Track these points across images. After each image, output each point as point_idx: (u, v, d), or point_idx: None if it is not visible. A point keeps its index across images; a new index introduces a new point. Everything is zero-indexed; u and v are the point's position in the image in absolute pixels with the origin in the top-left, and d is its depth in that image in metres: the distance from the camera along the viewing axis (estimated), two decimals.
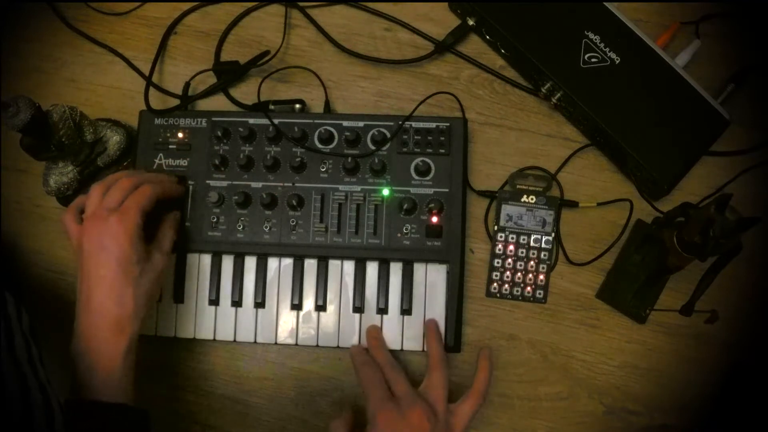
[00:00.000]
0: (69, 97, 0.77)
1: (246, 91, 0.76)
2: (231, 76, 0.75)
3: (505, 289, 0.70)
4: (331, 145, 0.70)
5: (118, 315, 0.57)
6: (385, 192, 0.68)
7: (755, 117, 0.72)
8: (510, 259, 0.70)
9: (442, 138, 0.69)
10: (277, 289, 0.69)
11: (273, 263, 0.69)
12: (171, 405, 0.69)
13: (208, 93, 0.75)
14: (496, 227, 0.70)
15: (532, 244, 0.69)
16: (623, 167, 0.71)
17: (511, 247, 0.70)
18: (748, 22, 0.75)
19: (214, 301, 0.68)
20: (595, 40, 0.69)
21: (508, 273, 0.70)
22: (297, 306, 0.68)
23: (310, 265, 0.69)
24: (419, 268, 0.68)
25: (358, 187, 0.68)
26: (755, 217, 0.53)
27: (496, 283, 0.70)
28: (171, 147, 0.70)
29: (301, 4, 0.77)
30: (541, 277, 0.69)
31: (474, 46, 0.76)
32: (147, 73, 0.74)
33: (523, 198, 0.70)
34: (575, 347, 0.69)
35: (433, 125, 0.69)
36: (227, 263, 0.69)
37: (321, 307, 0.68)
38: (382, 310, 0.68)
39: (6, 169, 0.75)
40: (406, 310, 0.67)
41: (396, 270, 0.68)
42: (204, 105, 0.76)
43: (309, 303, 0.68)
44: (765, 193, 0.71)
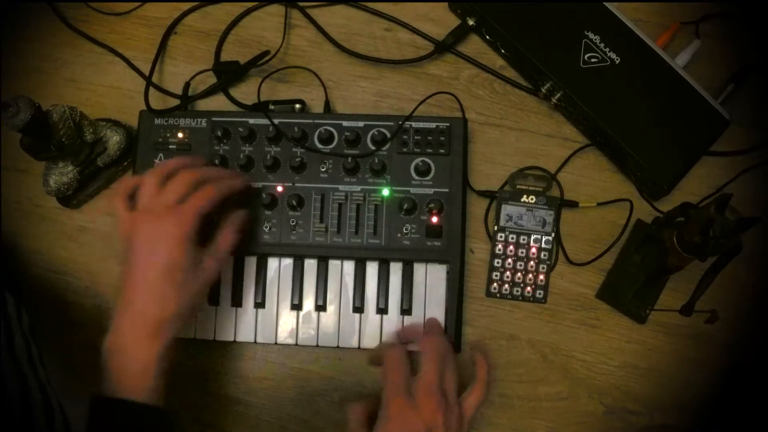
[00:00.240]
0: (69, 97, 0.77)
1: (246, 91, 0.76)
2: (231, 76, 0.75)
3: (505, 289, 0.70)
4: (331, 145, 0.70)
5: (158, 318, 0.56)
6: (385, 192, 0.68)
7: (755, 117, 0.72)
8: (510, 259, 0.70)
9: (442, 138, 0.69)
10: (277, 289, 0.69)
11: (273, 263, 0.69)
12: (171, 405, 0.69)
13: (208, 93, 0.75)
14: (496, 227, 0.70)
15: (532, 244, 0.70)
16: (623, 167, 0.71)
17: (511, 247, 0.70)
18: (748, 22, 0.75)
19: (215, 301, 0.68)
20: (595, 40, 0.69)
21: (508, 273, 0.70)
22: (297, 306, 0.68)
23: (310, 265, 0.69)
24: (419, 268, 0.68)
25: (358, 187, 0.68)
26: (755, 217, 0.53)
27: (496, 283, 0.70)
28: (171, 147, 0.70)
29: (301, 4, 0.77)
30: (541, 277, 0.69)
31: (474, 46, 0.76)
32: (147, 73, 0.74)
33: (523, 198, 0.70)
34: (575, 347, 0.69)
35: (433, 125, 0.69)
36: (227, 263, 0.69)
37: (321, 307, 0.68)
38: (382, 310, 0.68)
39: (6, 169, 0.75)
40: (406, 310, 0.67)
41: (396, 270, 0.68)
42: (204, 105, 0.76)
43: (309, 303, 0.68)
44: (765, 193, 0.71)
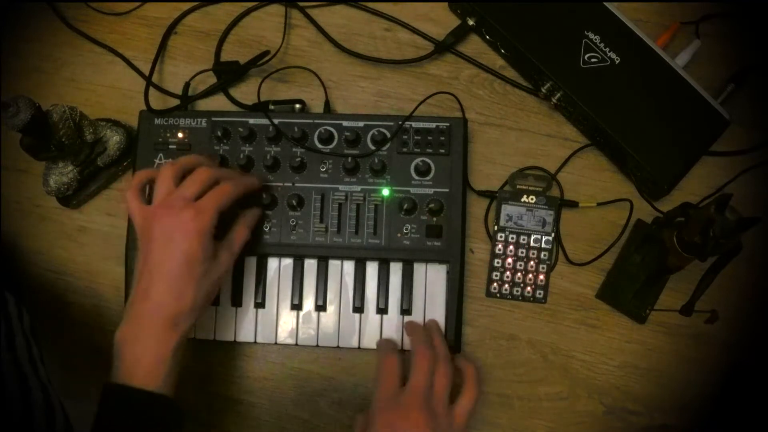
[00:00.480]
0: (69, 97, 0.77)
1: (246, 91, 0.76)
2: (231, 76, 0.75)
3: (505, 289, 0.70)
4: (331, 145, 0.70)
5: (175, 311, 0.56)
6: (385, 192, 0.68)
7: (755, 117, 0.72)
8: (510, 259, 0.70)
9: (442, 138, 0.69)
10: (277, 289, 0.69)
11: (273, 263, 0.69)
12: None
13: (208, 93, 0.75)
14: (496, 227, 0.70)
15: (532, 244, 0.70)
16: (623, 167, 0.71)
17: (511, 247, 0.70)
18: (748, 22, 0.74)
19: (215, 301, 0.68)
20: (595, 40, 0.69)
21: (508, 273, 0.70)
22: (297, 306, 0.68)
23: (310, 265, 0.69)
24: (419, 268, 0.68)
25: (358, 187, 0.68)
26: (755, 217, 0.53)
27: (496, 283, 0.70)
28: (171, 147, 0.70)
29: (301, 4, 0.77)
30: (541, 277, 0.69)
31: (474, 46, 0.76)
32: (147, 73, 0.74)
33: (523, 198, 0.70)
34: (575, 347, 0.69)
35: (433, 125, 0.69)
36: None
37: (321, 307, 0.68)
38: (382, 310, 0.68)
39: (6, 169, 0.75)
40: (406, 310, 0.67)
41: (396, 270, 0.68)
42: (204, 105, 0.76)
43: (309, 303, 0.68)
44: (765, 193, 0.71)
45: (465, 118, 0.72)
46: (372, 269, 0.68)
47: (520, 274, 0.70)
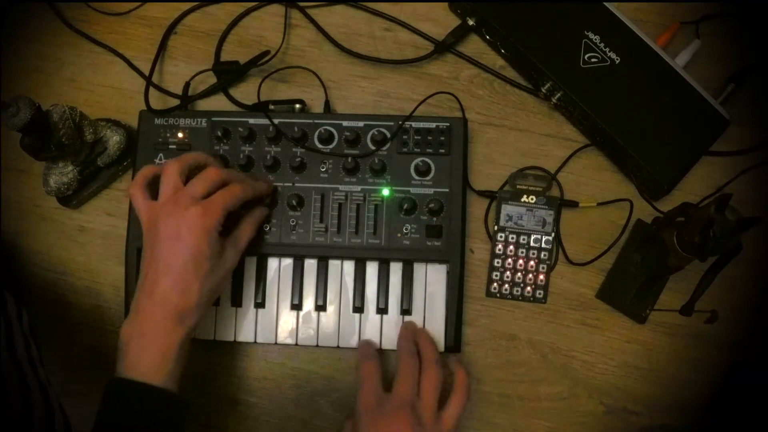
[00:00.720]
0: (69, 97, 0.77)
1: (246, 91, 0.76)
2: (231, 76, 0.75)
3: (505, 289, 0.70)
4: (331, 145, 0.70)
5: (180, 307, 0.57)
6: (385, 192, 0.68)
7: (755, 117, 0.72)
8: (510, 259, 0.70)
9: (442, 138, 0.69)
10: (277, 289, 0.69)
11: (273, 263, 0.69)
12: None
13: (208, 93, 0.75)
14: (496, 227, 0.70)
15: (532, 244, 0.70)
16: (623, 167, 0.71)
17: (511, 247, 0.70)
18: (748, 22, 0.74)
19: (215, 302, 0.68)
20: (595, 40, 0.69)
21: (508, 273, 0.70)
22: (297, 306, 0.68)
23: (310, 265, 0.69)
24: (419, 268, 0.68)
25: (358, 187, 0.68)
26: (755, 217, 0.53)
27: (496, 283, 0.70)
28: (171, 147, 0.70)
29: (301, 4, 0.77)
30: (541, 277, 0.69)
31: (474, 46, 0.76)
32: (147, 73, 0.74)
33: (523, 198, 0.70)
34: (575, 347, 0.69)
35: (433, 125, 0.69)
36: None
37: (321, 307, 0.68)
38: (382, 310, 0.68)
39: (6, 169, 0.75)
40: (406, 310, 0.67)
41: (396, 270, 0.68)
42: (204, 105, 0.76)
43: (309, 303, 0.68)
44: (765, 193, 0.71)
45: (465, 118, 0.72)
46: (372, 269, 0.68)
47: (520, 274, 0.70)
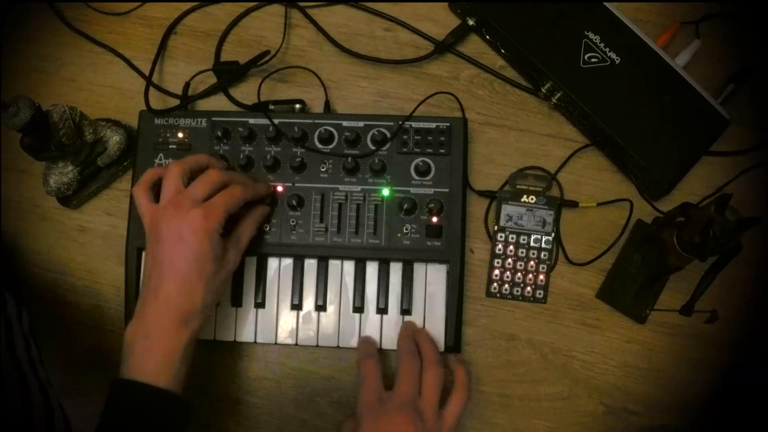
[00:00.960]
0: (69, 97, 0.77)
1: (246, 91, 0.76)
2: (231, 76, 0.75)
3: (505, 289, 0.70)
4: (331, 145, 0.70)
5: (185, 309, 0.57)
6: (385, 192, 0.68)
7: (755, 117, 0.72)
8: (510, 259, 0.70)
9: (442, 138, 0.69)
10: (277, 289, 0.69)
11: (273, 263, 0.69)
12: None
13: (208, 93, 0.75)
14: (496, 227, 0.70)
15: (532, 244, 0.70)
16: (623, 167, 0.71)
17: (511, 247, 0.70)
18: (748, 22, 0.74)
19: None
20: (595, 40, 0.69)
21: (508, 273, 0.70)
22: (297, 306, 0.68)
23: (310, 265, 0.69)
24: (419, 268, 0.68)
25: (358, 187, 0.68)
26: (755, 217, 0.53)
27: (496, 283, 0.70)
28: (171, 147, 0.70)
29: (301, 4, 0.77)
30: (541, 277, 0.69)
31: (474, 46, 0.76)
32: (147, 73, 0.74)
33: (523, 198, 0.70)
34: (575, 347, 0.69)
35: (433, 125, 0.69)
36: None
37: (321, 307, 0.68)
38: (382, 310, 0.68)
39: (6, 169, 0.75)
40: (406, 310, 0.67)
41: (396, 270, 0.68)
42: (204, 105, 0.76)
43: (309, 303, 0.68)
44: (765, 193, 0.71)
45: (465, 118, 0.72)
46: (372, 269, 0.68)
47: (520, 274, 0.70)
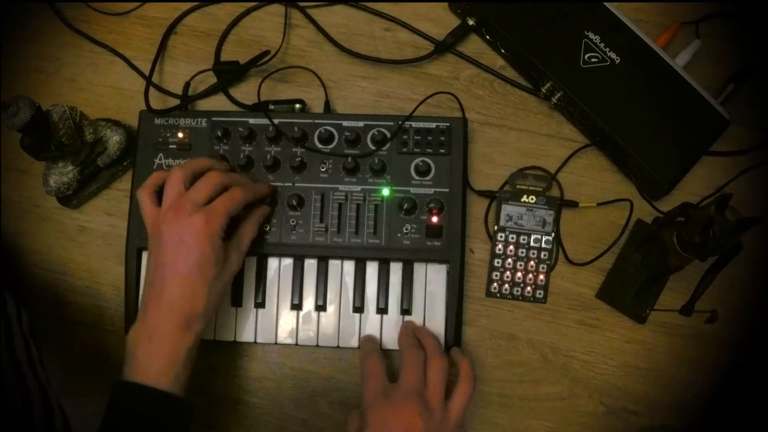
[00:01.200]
0: (69, 97, 0.76)
1: (246, 91, 0.76)
2: (231, 76, 0.75)
3: (505, 289, 0.70)
4: (331, 145, 0.70)
5: (188, 312, 0.57)
6: (385, 192, 0.68)
7: (755, 117, 0.72)
8: (510, 259, 0.70)
9: (442, 138, 0.69)
10: (277, 289, 0.69)
11: (273, 263, 0.69)
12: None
13: (208, 93, 0.75)
14: (496, 227, 0.70)
15: (532, 244, 0.69)
16: (623, 167, 0.71)
17: (511, 247, 0.70)
18: (748, 22, 0.75)
19: None
20: (595, 40, 0.69)
21: (508, 273, 0.70)
22: (297, 306, 0.68)
23: (310, 265, 0.69)
24: (419, 268, 0.68)
25: (358, 187, 0.68)
26: (755, 217, 0.53)
27: (496, 283, 0.70)
28: (171, 147, 0.70)
29: (301, 4, 0.77)
30: (541, 277, 0.69)
31: (474, 46, 0.76)
32: (147, 73, 0.74)
33: (523, 198, 0.70)
34: (575, 347, 0.69)
35: (433, 125, 0.69)
36: None
37: (321, 307, 0.68)
38: (382, 310, 0.68)
39: (6, 169, 0.75)
40: (406, 310, 0.67)
41: (396, 270, 0.68)
42: (204, 105, 0.76)
43: (309, 303, 0.68)
44: (765, 193, 0.71)
45: (465, 118, 0.72)
46: (372, 269, 0.68)
47: (520, 274, 0.70)
